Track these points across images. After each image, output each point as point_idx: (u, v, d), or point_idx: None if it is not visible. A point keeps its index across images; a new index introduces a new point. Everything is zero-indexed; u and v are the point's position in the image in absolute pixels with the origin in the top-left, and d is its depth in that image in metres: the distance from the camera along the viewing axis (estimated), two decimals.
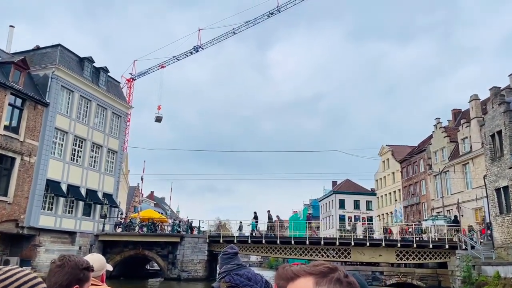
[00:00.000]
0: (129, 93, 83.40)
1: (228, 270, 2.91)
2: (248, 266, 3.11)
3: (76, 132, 31.91)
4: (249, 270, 2.87)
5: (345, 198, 71.77)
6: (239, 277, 2.72)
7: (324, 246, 34.37)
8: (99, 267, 2.69)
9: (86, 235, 32.37)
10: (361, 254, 34.07)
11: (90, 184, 33.01)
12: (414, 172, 58.84)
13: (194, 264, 33.43)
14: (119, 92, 37.78)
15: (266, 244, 34.86)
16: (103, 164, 34.50)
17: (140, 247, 34.35)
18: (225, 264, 3.01)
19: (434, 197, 52.75)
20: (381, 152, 69.78)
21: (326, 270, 1.08)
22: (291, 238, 34.38)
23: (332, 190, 75.72)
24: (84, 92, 32.87)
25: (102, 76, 35.30)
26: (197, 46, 75.14)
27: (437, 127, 53.46)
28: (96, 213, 33.62)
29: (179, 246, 33.71)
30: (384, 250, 33.85)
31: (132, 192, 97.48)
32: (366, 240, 33.28)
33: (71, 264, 2.03)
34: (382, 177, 69.39)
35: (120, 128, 36.89)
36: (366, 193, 72.94)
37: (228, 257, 3.06)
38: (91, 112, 33.50)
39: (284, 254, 35.27)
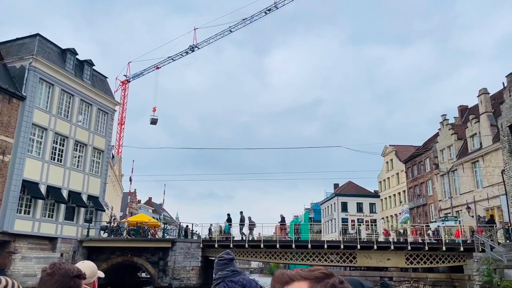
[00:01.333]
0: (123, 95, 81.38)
1: (223, 277, 2.95)
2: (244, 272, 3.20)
3: (57, 129, 29.40)
4: (244, 277, 2.94)
5: (348, 201, 69.11)
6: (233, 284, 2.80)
7: (327, 250, 31.74)
8: (91, 274, 2.64)
9: (69, 241, 29.74)
10: (368, 258, 31.42)
11: (73, 185, 30.44)
12: (420, 172, 56.28)
13: (187, 271, 30.78)
14: (106, 87, 35.32)
15: (264, 248, 32.23)
16: (87, 164, 31.95)
17: (129, 254, 31.70)
18: (220, 270, 3.02)
19: (441, 198, 50.14)
20: (384, 153, 67.23)
21: (321, 275, 1.08)
22: (291, 242, 31.73)
23: (334, 193, 73.08)
24: (66, 86, 30.41)
25: (87, 70, 32.86)
26: (192, 45, 73.01)
27: (443, 124, 50.96)
28: (80, 217, 31.02)
29: (170, 251, 31.08)
30: (393, 254, 31.21)
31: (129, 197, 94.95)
32: (373, 243, 30.63)
33: (61, 272, 1.98)
34: (385, 178, 66.79)
35: (107, 126, 34.37)
36: (369, 195, 70.32)
37: (224, 263, 3.07)
38: (74, 108, 31.01)
39: (285, 259, 32.62)
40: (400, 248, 30.93)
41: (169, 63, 75.10)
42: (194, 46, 72.31)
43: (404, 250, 30.81)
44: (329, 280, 1.07)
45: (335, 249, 31.65)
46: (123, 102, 78.73)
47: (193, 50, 73.27)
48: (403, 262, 31.00)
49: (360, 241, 31.27)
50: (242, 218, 32.44)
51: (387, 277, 29.66)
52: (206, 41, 71.49)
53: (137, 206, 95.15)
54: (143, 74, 77.62)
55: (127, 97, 79.18)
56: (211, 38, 70.45)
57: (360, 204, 69.26)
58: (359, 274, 29.96)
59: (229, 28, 68.09)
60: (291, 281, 1.09)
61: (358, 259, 31.41)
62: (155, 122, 72.69)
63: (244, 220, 32.29)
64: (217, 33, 69.30)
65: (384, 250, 31.24)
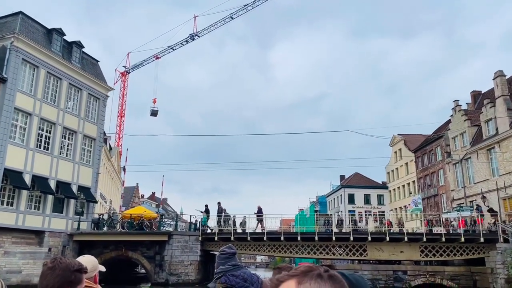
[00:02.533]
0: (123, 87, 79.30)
1: (224, 271, 3.01)
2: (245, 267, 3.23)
3: (42, 114, 27.27)
4: (245, 271, 3.04)
5: (355, 193, 66.77)
6: (235, 278, 2.90)
7: (335, 242, 29.51)
8: (92, 268, 2.63)
9: (58, 235, 27.69)
10: (379, 251, 29.16)
11: (62, 175, 28.34)
12: (431, 162, 53.82)
13: (185, 266, 28.67)
14: (98, 71, 33.10)
15: (268, 241, 30.06)
16: (78, 153, 29.83)
17: (123, 248, 29.65)
18: (222, 264, 3.06)
19: (454, 188, 47.71)
20: (392, 142, 64.75)
21: (307, 269, 1.12)
22: (297, 234, 29.51)
23: (340, 184, 70.76)
24: (52, 69, 28.24)
25: (76, 52, 30.67)
26: (193, 34, 70.71)
27: (455, 110, 48.43)
28: (69, 209, 28.94)
29: (166, 245, 28.97)
30: (407, 246, 28.94)
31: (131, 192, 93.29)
32: (386, 235, 28.35)
33: (62, 266, 1.98)
34: (394, 168, 64.36)
35: (99, 112, 32.20)
36: (377, 187, 67.91)
37: (225, 257, 3.09)
38: (61, 92, 28.85)
39: (290, 252, 30.43)
40: (415, 239, 28.66)
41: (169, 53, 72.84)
42: (195, 34, 69.97)
43: (418, 242, 28.54)
44: (315, 272, 1.11)
45: (344, 241, 29.43)
46: (122, 94, 76.78)
47: (193, 39, 70.94)
48: (417, 254, 28.74)
49: (371, 232, 28.98)
50: (219, 209, 30.28)
51: (400, 271, 27.42)
52: (207, 29, 69.11)
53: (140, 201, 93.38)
54: (143, 64, 75.49)
55: (127, 89, 77.41)
56: (211, 25, 68.26)
57: (368, 195, 66.94)
58: (371, 268, 27.75)
59: (230, 15, 65.65)
60: (280, 283, 1.11)
61: (369, 252, 29.18)
62: (155, 113, 70.71)
63: (221, 212, 30.13)
64: (217, 21, 67.03)
65: (397, 242, 28.99)
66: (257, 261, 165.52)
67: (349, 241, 29.02)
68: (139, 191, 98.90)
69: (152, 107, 70.41)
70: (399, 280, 26.97)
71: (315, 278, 1.10)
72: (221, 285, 2.92)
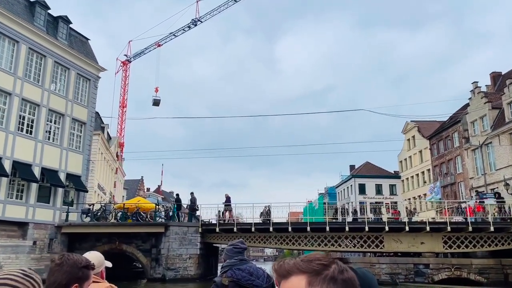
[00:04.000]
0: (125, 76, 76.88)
1: (230, 265, 3.07)
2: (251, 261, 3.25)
3: (24, 94, 24.74)
4: (251, 265, 3.11)
5: (366, 183, 63.84)
6: (241, 272, 2.96)
7: (349, 233, 26.80)
8: (98, 264, 2.63)
9: (44, 227, 25.26)
10: (398, 242, 26.39)
11: (48, 162, 25.85)
12: (447, 148, 50.73)
13: (183, 260, 26.13)
14: (88, 50, 30.49)
15: (274, 232, 27.41)
16: (65, 138, 27.31)
17: (116, 241, 27.20)
18: (230, 258, 3.11)
19: (473, 175, 44.68)
20: (405, 129, 61.67)
21: (320, 267, 1.01)
22: (306, 224, 26.79)
23: (350, 174, 67.85)
24: (35, 45, 25.68)
25: (62, 28, 28.07)
26: (195, 19, 68.04)
27: (474, 92, 45.29)
28: (57, 199, 26.48)
29: (163, 237, 26.45)
30: (428, 236, 26.14)
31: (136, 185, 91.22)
32: (405, 224, 25.52)
33: (70, 263, 1.98)
34: (407, 157, 61.30)
35: (89, 95, 29.62)
36: (389, 176, 64.93)
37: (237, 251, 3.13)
38: (46, 71, 26.31)
39: (298, 244, 27.75)
40: (437, 229, 25.82)
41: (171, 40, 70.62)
42: (197, 19, 67.29)
43: (441, 231, 25.71)
44: (328, 272, 1.00)
45: (358, 232, 26.69)
46: (124, 84, 74.46)
47: (195, 24, 68.25)
48: (440, 246, 25.94)
49: (389, 222, 26.17)
50: (193, 199, 27.70)
51: (422, 264, 24.67)
52: (210, 13, 66.49)
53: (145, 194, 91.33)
54: (144, 52, 73.12)
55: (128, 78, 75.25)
56: (214, 10, 65.54)
57: (379, 185, 63.99)
58: (389, 261, 25.01)
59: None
60: (289, 274, 1.03)
61: (386, 243, 26.43)
62: (157, 103, 68.39)
63: (195, 202, 27.53)
64: (220, 4, 64.37)
65: (417, 233, 26.20)
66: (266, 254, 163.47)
67: (364, 231, 26.28)
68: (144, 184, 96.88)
69: (154, 96, 68.06)
70: (421, 274, 24.23)
71: (327, 282, 0.99)
72: (227, 279, 2.94)
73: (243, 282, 2.91)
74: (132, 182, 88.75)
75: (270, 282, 3.04)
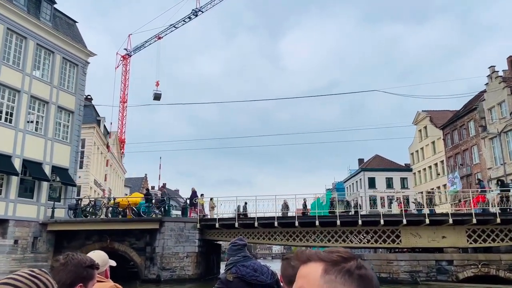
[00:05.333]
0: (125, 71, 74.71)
1: (234, 262, 3.11)
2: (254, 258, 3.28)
3: (2, 79, 22.47)
4: (255, 262, 3.15)
5: (376, 176, 61.15)
6: (245, 268, 3.01)
7: (362, 227, 24.30)
8: (102, 263, 2.65)
9: (26, 224, 23.00)
10: (416, 236, 23.84)
11: (30, 153, 23.58)
12: (462, 138, 47.98)
13: (180, 259, 23.77)
14: (75, 33, 28.18)
15: (280, 228, 25.00)
16: (50, 127, 25.03)
17: (108, 239, 24.92)
18: (233, 256, 3.17)
19: (491, 165, 41.95)
20: (416, 120, 58.89)
21: (339, 259, 1.02)
22: (314, 218, 24.32)
23: (359, 168, 65.20)
24: (14, 25, 23.41)
25: (46, 8, 25.77)
26: (196, 9, 65.67)
27: (492, 77, 42.49)
28: (41, 194, 24.21)
29: (158, 234, 24.13)
30: (450, 230, 23.58)
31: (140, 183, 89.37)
32: (425, 216, 22.96)
33: (74, 262, 1.99)
34: (418, 148, 58.57)
35: (77, 81, 27.32)
36: (400, 169, 62.19)
37: (237, 249, 3.18)
38: (27, 54, 24.03)
39: (306, 240, 25.29)
40: (460, 222, 23.23)
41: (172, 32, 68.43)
42: (198, 9, 65.00)
43: (465, 224, 23.14)
44: (345, 265, 1.00)
45: (373, 226, 24.20)
46: (124, 79, 72.30)
47: (196, 15, 65.96)
48: (463, 240, 23.37)
49: (407, 215, 23.60)
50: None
51: (445, 261, 22.11)
52: (211, 3, 64.20)
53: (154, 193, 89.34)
54: (145, 46, 70.85)
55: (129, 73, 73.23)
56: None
57: (390, 179, 61.27)
58: (409, 258, 22.47)
59: None
60: (308, 261, 1.06)
61: (403, 238, 23.90)
62: (158, 97, 66.24)
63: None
64: None
65: (438, 226, 23.66)
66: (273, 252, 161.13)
67: (379, 225, 23.78)
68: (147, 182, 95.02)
69: (155, 90, 65.92)
70: (444, 272, 21.69)
71: (343, 273, 0.99)
72: (231, 275, 3.01)
73: (248, 278, 2.97)
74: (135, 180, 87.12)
75: (274, 279, 3.06)
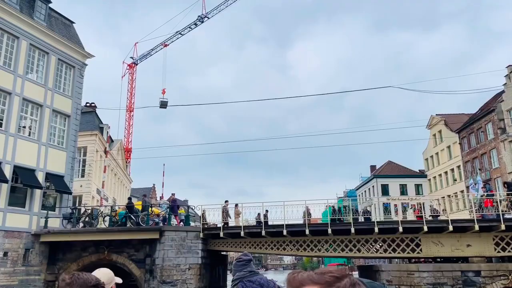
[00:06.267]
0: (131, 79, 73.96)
1: (241, 277, 3.10)
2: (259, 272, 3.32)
3: None
4: (262, 277, 3.13)
5: (389, 183, 59.03)
6: (251, 284, 2.99)
7: (378, 235, 22.38)
8: (108, 281, 2.62)
9: (17, 235, 21.50)
10: (438, 245, 21.85)
11: (21, 159, 22.17)
12: (480, 141, 45.83)
13: (181, 271, 22.02)
14: (72, 34, 26.93)
15: (289, 236, 23.17)
16: (44, 132, 23.64)
17: (105, 250, 23.31)
18: (239, 271, 3.15)
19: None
20: (430, 124, 56.80)
21: (332, 279, 1.04)
22: (326, 226, 22.43)
23: (372, 174, 63.11)
24: (5, 24, 22.19)
25: (40, 7, 24.58)
26: (201, 15, 65.02)
27: (510, 77, 40.51)
28: (34, 203, 22.73)
29: (158, 245, 22.45)
30: (475, 237, 21.57)
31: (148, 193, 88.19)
32: (448, 223, 20.98)
33: (80, 282, 1.97)
34: (433, 154, 56.39)
35: (74, 84, 25.98)
36: (414, 175, 59.99)
37: (242, 264, 3.18)
38: (19, 55, 22.76)
39: (318, 250, 23.41)
40: (487, 228, 21.20)
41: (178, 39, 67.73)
42: (204, 16, 64.26)
43: (492, 231, 21.11)
44: (340, 284, 1.03)
45: (390, 233, 22.26)
46: (131, 87, 71.59)
47: (202, 21, 65.22)
48: (491, 248, 21.32)
49: (428, 221, 21.62)
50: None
51: (471, 272, 20.07)
52: (217, 8, 63.28)
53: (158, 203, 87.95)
54: (151, 54, 70.54)
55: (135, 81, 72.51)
56: (222, 4, 62.29)
57: (404, 186, 59.06)
58: (432, 269, 20.44)
59: None
60: (301, 285, 1.06)
61: (424, 246, 21.91)
62: (164, 105, 65.30)
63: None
64: None
65: (462, 233, 21.66)
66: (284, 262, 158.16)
67: (397, 233, 21.84)
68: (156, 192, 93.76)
69: (161, 98, 65.03)
70: (470, 283, 19.66)
71: None
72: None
73: None
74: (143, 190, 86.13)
75: None
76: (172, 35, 67.00)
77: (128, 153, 69.60)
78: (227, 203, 24.48)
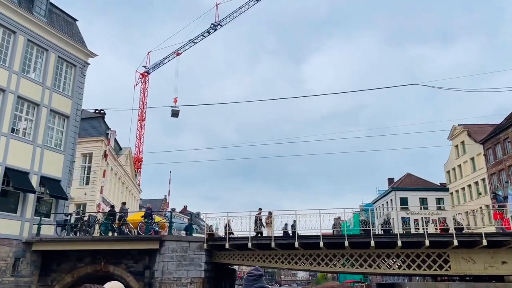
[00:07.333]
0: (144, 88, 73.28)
1: None
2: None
3: None
4: None
5: (408, 196, 56.29)
6: None
7: (401, 250, 20.11)
8: None
9: (7, 243, 19.86)
10: (469, 261, 19.46)
11: (14, 160, 20.66)
12: (506, 152, 43.10)
13: (182, 285, 20.02)
14: (74, 31, 25.63)
15: (302, 249, 21.02)
16: (41, 133, 22.16)
17: (102, 260, 21.51)
18: (249, 286, 3.04)
19: None
20: (452, 135, 54.15)
21: None
22: (343, 238, 20.26)
23: (390, 187, 60.43)
24: (2, 18, 20.95)
25: (40, 2, 23.35)
26: (215, 23, 64.19)
27: None
28: (27, 208, 21.13)
29: (157, 256, 20.55)
30: (510, 253, 19.17)
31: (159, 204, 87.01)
32: (481, 237, 18.63)
33: None
34: (455, 166, 53.59)
35: (75, 83, 24.58)
36: (435, 189, 57.15)
37: (253, 279, 3.05)
38: (16, 50, 21.45)
39: (334, 265, 21.18)
40: None
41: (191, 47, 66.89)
42: (217, 23, 63.40)
43: None
44: None
45: (414, 248, 19.96)
46: (143, 96, 70.84)
47: (215, 29, 64.35)
48: None
49: (458, 235, 19.28)
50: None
51: None
52: (230, 16, 62.27)
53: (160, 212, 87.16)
54: (164, 63, 69.92)
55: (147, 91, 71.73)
56: (235, 11, 61.30)
57: (424, 199, 56.22)
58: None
59: None
60: None
61: (453, 263, 19.54)
62: (176, 114, 64.32)
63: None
64: (241, 5, 60.05)
65: (496, 248, 19.26)
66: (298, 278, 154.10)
67: (422, 247, 19.55)
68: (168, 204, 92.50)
69: (173, 107, 63.98)
70: None
71: None
72: None
73: None
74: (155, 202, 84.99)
75: None
76: (185, 43, 66.27)
77: (139, 163, 68.39)
78: (261, 211, 22.57)
